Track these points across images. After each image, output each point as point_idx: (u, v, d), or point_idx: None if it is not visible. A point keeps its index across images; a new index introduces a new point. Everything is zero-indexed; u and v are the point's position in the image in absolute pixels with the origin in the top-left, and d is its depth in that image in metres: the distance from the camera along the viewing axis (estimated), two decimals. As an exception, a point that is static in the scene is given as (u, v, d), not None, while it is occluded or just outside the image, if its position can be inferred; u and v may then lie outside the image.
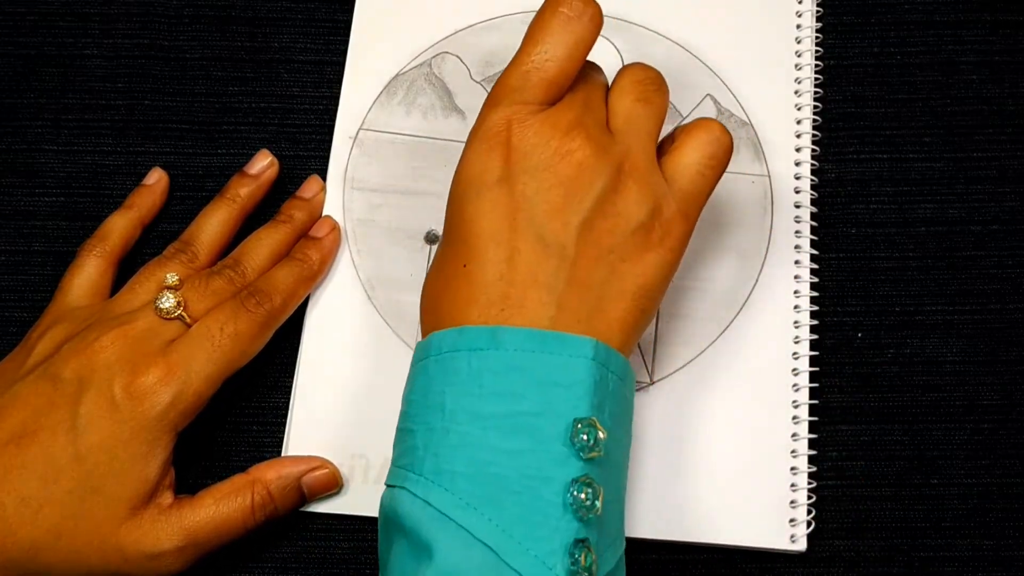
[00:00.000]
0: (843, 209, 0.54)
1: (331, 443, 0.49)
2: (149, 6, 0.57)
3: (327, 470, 0.47)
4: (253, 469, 0.46)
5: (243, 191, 0.51)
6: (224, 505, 0.45)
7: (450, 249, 0.43)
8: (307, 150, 0.55)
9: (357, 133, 0.55)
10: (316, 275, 0.50)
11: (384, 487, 0.41)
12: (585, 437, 0.38)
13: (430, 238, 0.53)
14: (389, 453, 0.47)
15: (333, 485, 0.48)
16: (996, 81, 0.56)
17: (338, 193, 0.53)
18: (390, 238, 0.53)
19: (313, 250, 0.50)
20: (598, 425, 0.38)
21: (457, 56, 0.56)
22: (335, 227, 0.52)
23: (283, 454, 0.49)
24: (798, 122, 0.55)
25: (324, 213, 0.53)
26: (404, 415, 0.41)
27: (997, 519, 0.49)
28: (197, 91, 0.56)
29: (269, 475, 0.46)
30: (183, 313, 0.45)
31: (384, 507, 0.40)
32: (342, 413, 0.50)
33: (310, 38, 0.57)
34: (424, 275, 0.50)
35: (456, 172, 0.43)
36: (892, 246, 0.53)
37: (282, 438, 0.49)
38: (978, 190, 0.54)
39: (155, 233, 0.53)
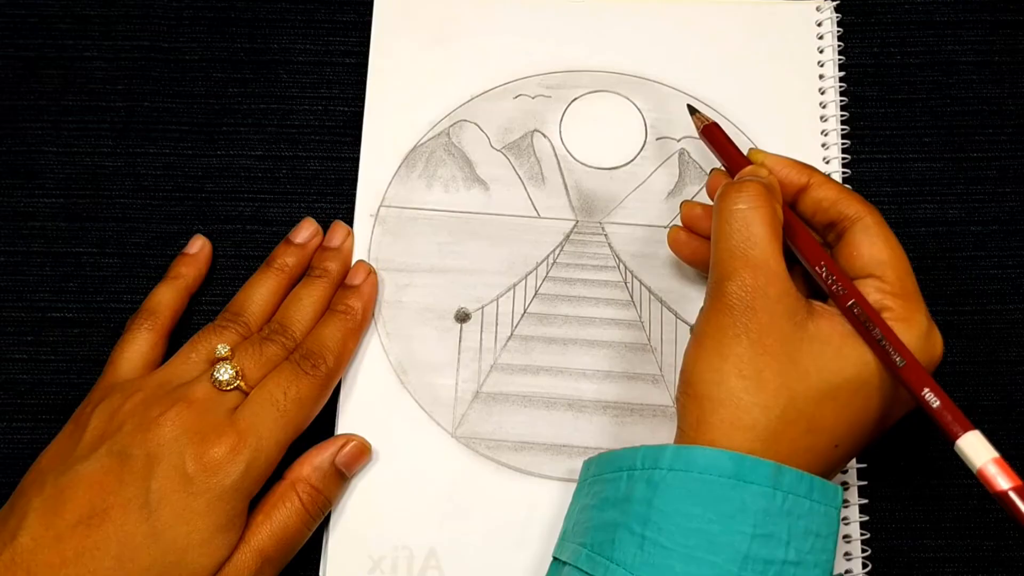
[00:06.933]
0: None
1: (372, 534, 0.48)
2: (149, 8, 0.57)
3: (355, 442, 0.48)
4: (287, 472, 0.47)
5: (290, 260, 0.51)
6: (277, 514, 0.45)
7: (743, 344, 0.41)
8: (306, 150, 0.55)
9: (378, 211, 0.53)
10: (362, 325, 0.50)
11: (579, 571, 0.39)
12: None
13: (460, 316, 0.51)
14: (431, 543, 0.47)
15: (366, 453, 0.48)
16: (996, 81, 0.56)
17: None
18: (419, 319, 0.51)
19: (354, 299, 0.50)
20: None
21: (475, 124, 0.54)
22: (371, 271, 0.51)
23: (324, 549, 0.48)
24: (827, 175, 0.53)
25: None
26: (646, 520, 0.38)
27: (997, 519, 0.49)
28: (197, 92, 0.56)
29: (305, 471, 0.47)
30: (240, 383, 0.45)
31: None
32: (382, 503, 0.49)
33: (309, 39, 0.57)
34: (456, 355, 0.50)
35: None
36: (892, 246, 0.53)
37: (322, 530, 0.48)
38: (978, 190, 0.54)
39: (149, 234, 0.53)
